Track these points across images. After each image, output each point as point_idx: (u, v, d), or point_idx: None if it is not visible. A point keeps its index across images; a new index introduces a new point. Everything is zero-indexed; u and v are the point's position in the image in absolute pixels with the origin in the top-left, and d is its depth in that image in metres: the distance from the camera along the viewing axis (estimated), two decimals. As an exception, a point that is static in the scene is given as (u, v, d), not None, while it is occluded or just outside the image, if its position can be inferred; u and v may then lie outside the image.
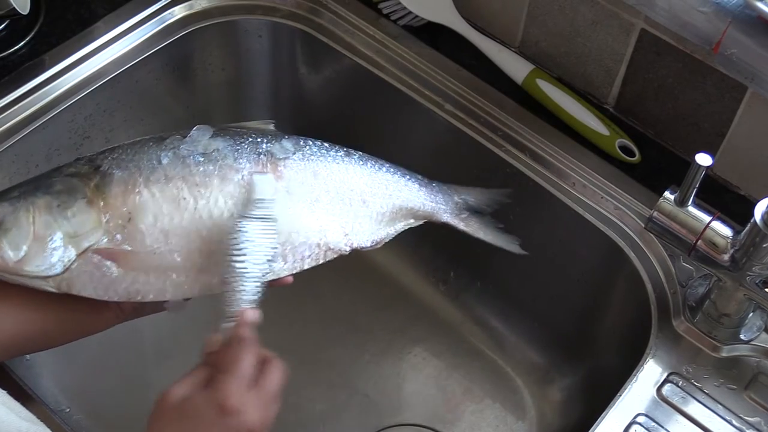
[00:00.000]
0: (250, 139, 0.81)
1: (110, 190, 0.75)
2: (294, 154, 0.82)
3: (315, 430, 1.10)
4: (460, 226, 0.93)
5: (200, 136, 0.80)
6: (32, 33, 1.04)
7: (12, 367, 0.88)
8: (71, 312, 0.78)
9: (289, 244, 0.79)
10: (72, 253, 0.73)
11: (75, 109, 1.02)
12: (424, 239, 1.14)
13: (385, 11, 1.11)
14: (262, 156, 0.80)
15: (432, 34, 1.10)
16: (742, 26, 0.84)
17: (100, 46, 1.05)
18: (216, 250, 0.75)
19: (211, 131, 0.80)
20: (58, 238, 0.73)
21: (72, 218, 0.74)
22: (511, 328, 1.15)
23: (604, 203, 0.97)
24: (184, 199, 0.76)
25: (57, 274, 0.73)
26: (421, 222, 0.90)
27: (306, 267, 0.81)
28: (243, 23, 1.13)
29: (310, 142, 0.84)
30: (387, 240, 0.87)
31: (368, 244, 0.85)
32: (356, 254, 0.85)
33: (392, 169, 0.88)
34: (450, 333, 1.17)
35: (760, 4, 0.83)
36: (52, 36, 1.05)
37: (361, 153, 0.87)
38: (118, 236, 0.74)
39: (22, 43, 1.03)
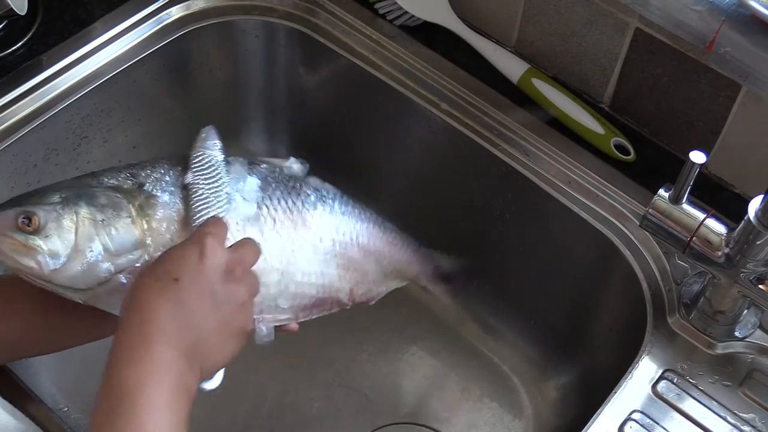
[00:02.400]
0: (282, 186, 0.81)
1: (154, 214, 0.73)
2: (321, 206, 0.83)
3: (312, 428, 1.10)
4: (432, 289, 1.00)
5: (240, 169, 0.80)
6: (30, 33, 1.05)
7: (10, 366, 0.88)
8: (77, 319, 0.77)
9: (300, 295, 0.80)
10: (109, 269, 0.72)
11: (73, 110, 1.02)
12: (419, 239, 1.14)
13: (381, 11, 1.12)
14: (290, 203, 0.81)
15: (428, 34, 1.11)
16: (735, 25, 0.85)
17: (97, 47, 1.05)
18: None
19: (247, 165, 0.81)
20: (98, 253, 0.71)
21: (115, 235, 0.72)
22: (507, 326, 1.15)
23: (600, 201, 0.97)
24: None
25: (89, 288, 0.72)
26: (405, 283, 0.95)
27: (313, 317, 0.83)
28: (240, 23, 1.13)
29: (333, 195, 0.85)
30: (378, 297, 0.90)
31: (365, 299, 0.88)
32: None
33: (395, 231, 0.92)
34: (447, 332, 1.17)
35: (753, 3, 0.83)
36: (50, 36, 1.05)
37: (372, 211, 0.89)
38: None
39: (19, 44, 1.03)
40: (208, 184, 0.76)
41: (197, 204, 0.75)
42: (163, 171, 0.76)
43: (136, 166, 0.77)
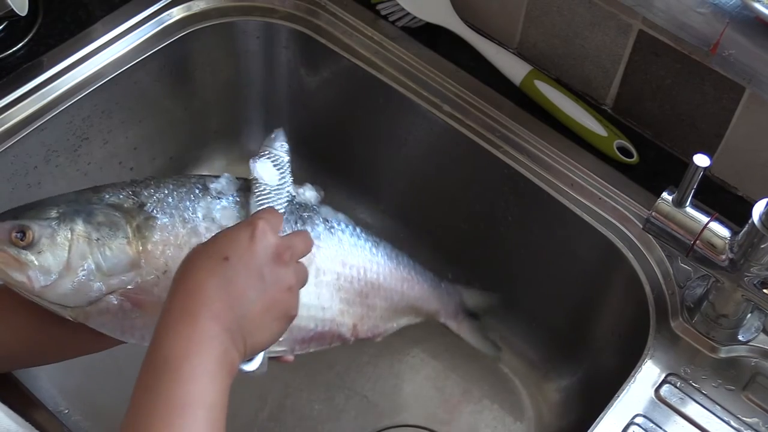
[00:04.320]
0: (290, 216, 0.80)
1: (151, 236, 0.73)
2: (327, 237, 0.82)
3: (313, 431, 1.10)
4: (454, 328, 0.99)
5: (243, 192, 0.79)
6: (30, 34, 1.04)
7: (10, 369, 0.88)
8: (74, 333, 0.76)
9: (298, 328, 0.79)
10: (100, 289, 0.71)
11: (73, 111, 1.02)
12: (421, 241, 1.14)
13: (383, 12, 1.12)
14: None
15: (430, 36, 1.10)
16: (739, 27, 0.84)
17: (98, 48, 1.04)
18: None
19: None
20: (90, 272, 0.71)
21: (109, 256, 0.71)
22: (509, 328, 1.15)
23: (602, 204, 0.97)
24: None
25: (79, 306, 0.71)
26: (420, 319, 0.93)
27: (311, 350, 0.82)
28: (241, 24, 1.13)
29: (343, 226, 0.84)
30: (386, 334, 0.89)
31: (370, 335, 0.87)
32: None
33: (410, 266, 0.90)
34: (448, 334, 1.16)
35: (757, 5, 0.83)
36: (51, 37, 1.05)
37: (386, 244, 0.88)
38: (150, 284, 0.73)
39: (20, 45, 1.03)
40: (271, 181, 0.76)
41: (258, 197, 0.75)
42: (166, 192, 0.75)
43: (140, 183, 0.76)
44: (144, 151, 1.14)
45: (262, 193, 0.76)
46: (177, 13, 1.10)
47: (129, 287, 0.72)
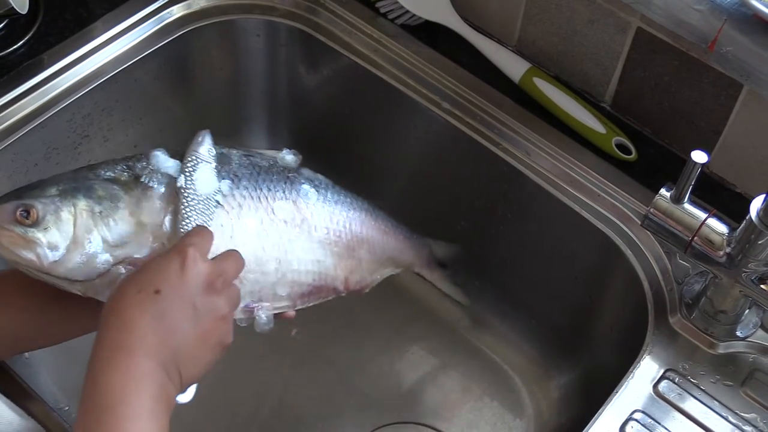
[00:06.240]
0: (276, 177, 0.82)
1: (152, 205, 0.74)
2: (314, 195, 0.84)
3: (313, 428, 1.10)
4: (427, 275, 1.03)
5: (236, 158, 0.80)
6: (31, 32, 1.05)
7: (11, 365, 0.88)
8: (74, 311, 0.77)
9: (298, 283, 0.82)
10: (108, 261, 0.72)
11: (73, 108, 1.02)
12: (417, 231, 1.14)
13: (382, 10, 1.12)
14: (285, 193, 0.82)
15: (429, 33, 1.10)
16: (737, 24, 0.85)
17: (98, 46, 1.05)
18: (249, 276, 0.77)
19: (241, 156, 0.81)
20: (96, 244, 0.71)
21: (113, 227, 0.72)
22: (508, 325, 1.15)
23: (601, 201, 0.97)
24: (221, 226, 0.76)
25: (88, 280, 0.72)
26: (399, 270, 0.96)
27: (310, 304, 0.84)
28: (241, 22, 1.13)
29: (324, 184, 0.86)
30: (372, 285, 0.91)
31: (358, 288, 0.89)
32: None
33: (386, 219, 0.93)
34: (448, 331, 1.17)
35: (755, 2, 0.83)
36: (51, 35, 1.05)
37: (363, 200, 0.90)
38: (156, 252, 0.73)
39: (20, 43, 1.03)
40: (198, 191, 0.76)
41: (185, 211, 0.75)
42: (158, 163, 0.77)
43: (132, 158, 0.77)
44: (144, 149, 1.15)
45: (190, 204, 0.75)
46: (177, 11, 1.10)
47: (136, 256, 0.73)
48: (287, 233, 0.81)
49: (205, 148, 0.78)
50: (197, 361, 0.68)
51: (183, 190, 0.75)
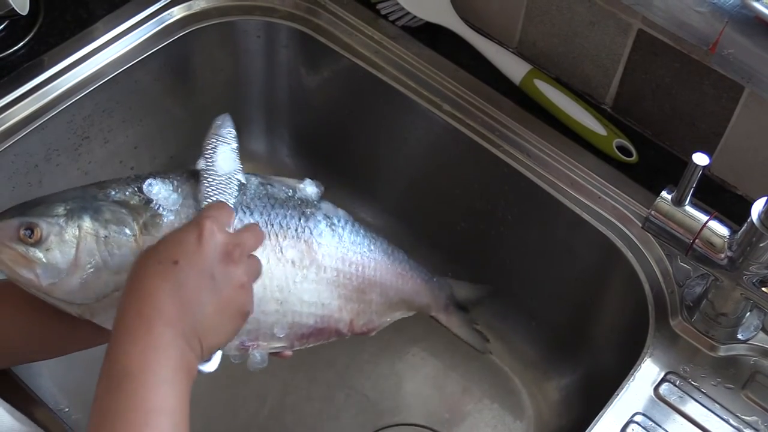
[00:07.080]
0: (292, 211, 0.79)
1: (158, 234, 0.72)
2: (329, 234, 0.81)
3: (313, 429, 1.10)
4: (443, 320, 0.99)
5: (252, 186, 0.79)
6: (31, 33, 1.04)
7: (11, 367, 0.88)
8: (76, 327, 0.76)
9: (298, 325, 0.80)
10: (109, 286, 0.71)
11: (74, 110, 1.02)
12: (421, 239, 1.14)
13: (383, 12, 1.12)
14: (298, 230, 0.79)
15: (430, 35, 1.10)
16: (739, 26, 0.85)
17: (99, 47, 1.05)
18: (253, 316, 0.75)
19: (258, 181, 0.79)
20: (97, 269, 0.71)
21: (116, 253, 0.71)
22: (509, 327, 1.15)
23: (602, 203, 0.97)
24: None
25: (85, 303, 0.71)
26: (412, 313, 0.93)
27: (309, 346, 0.82)
28: (241, 24, 1.13)
29: (343, 222, 0.83)
30: (380, 329, 0.89)
31: (365, 330, 0.87)
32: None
33: (404, 261, 0.90)
34: (448, 333, 1.16)
35: (756, 4, 0.83)
36: (51, 36, 1.05)
37: (383, 240, 0.88)
38: None
39: (21, 44, 1.03)
40: (218, 170, 0.76)
41: (206, 189, 0.74)
42: (171, 188, 0.75)
43: (144, 179, 0.76)
44: (144, 150, 1.15)
45: (212, 184, 0.75)
46: (177, 13, 1.10)
47: None
48: (293, 275, 0.78)
49: (226, 130, 0.79)
50: (218, 330, 0.68)
51: (203, 172, 0.75)
